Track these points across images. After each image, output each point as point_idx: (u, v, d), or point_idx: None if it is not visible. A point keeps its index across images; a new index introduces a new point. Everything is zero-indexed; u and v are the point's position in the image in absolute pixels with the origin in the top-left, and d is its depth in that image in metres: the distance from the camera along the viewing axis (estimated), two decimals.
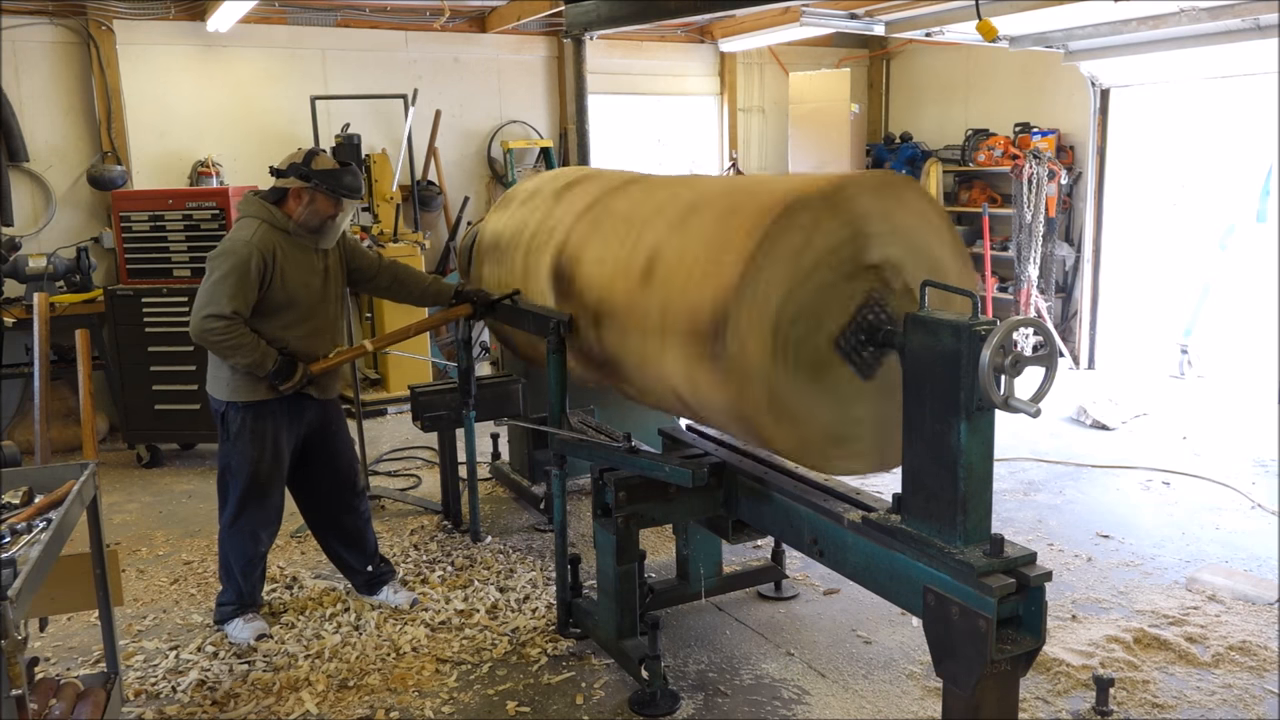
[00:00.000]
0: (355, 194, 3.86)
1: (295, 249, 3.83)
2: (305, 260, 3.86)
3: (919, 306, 2.75)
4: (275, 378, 3.74)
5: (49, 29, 6.64)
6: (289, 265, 3.79)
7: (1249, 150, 7.24)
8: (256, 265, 3.68)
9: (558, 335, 3.76)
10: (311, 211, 3.81)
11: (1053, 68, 7.98)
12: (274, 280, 3.74)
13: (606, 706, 3.40)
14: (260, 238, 3.72)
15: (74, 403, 6.04)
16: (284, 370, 3.75)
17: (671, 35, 8.75)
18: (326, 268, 3.94)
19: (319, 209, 3.82)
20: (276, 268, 3.74)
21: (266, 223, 3.77)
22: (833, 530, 3.01)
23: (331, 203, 3.82)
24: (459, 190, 8.05)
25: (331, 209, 3.83)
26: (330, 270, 3.97)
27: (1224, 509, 5.14)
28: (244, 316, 3.68)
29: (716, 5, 5.98)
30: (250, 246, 3.68)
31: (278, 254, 3.75)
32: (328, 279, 3.95)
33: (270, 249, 3.73)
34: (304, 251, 3.86)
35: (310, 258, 3.88)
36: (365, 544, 4.20)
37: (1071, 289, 8.42)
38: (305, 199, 3.79)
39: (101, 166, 6.72)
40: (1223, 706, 3.31)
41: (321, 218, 3.83)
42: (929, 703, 3.36)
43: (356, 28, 7.56)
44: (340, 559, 4.22)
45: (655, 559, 4.59)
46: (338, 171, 3.82)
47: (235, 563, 3.94)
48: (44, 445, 3.64)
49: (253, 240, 3.70)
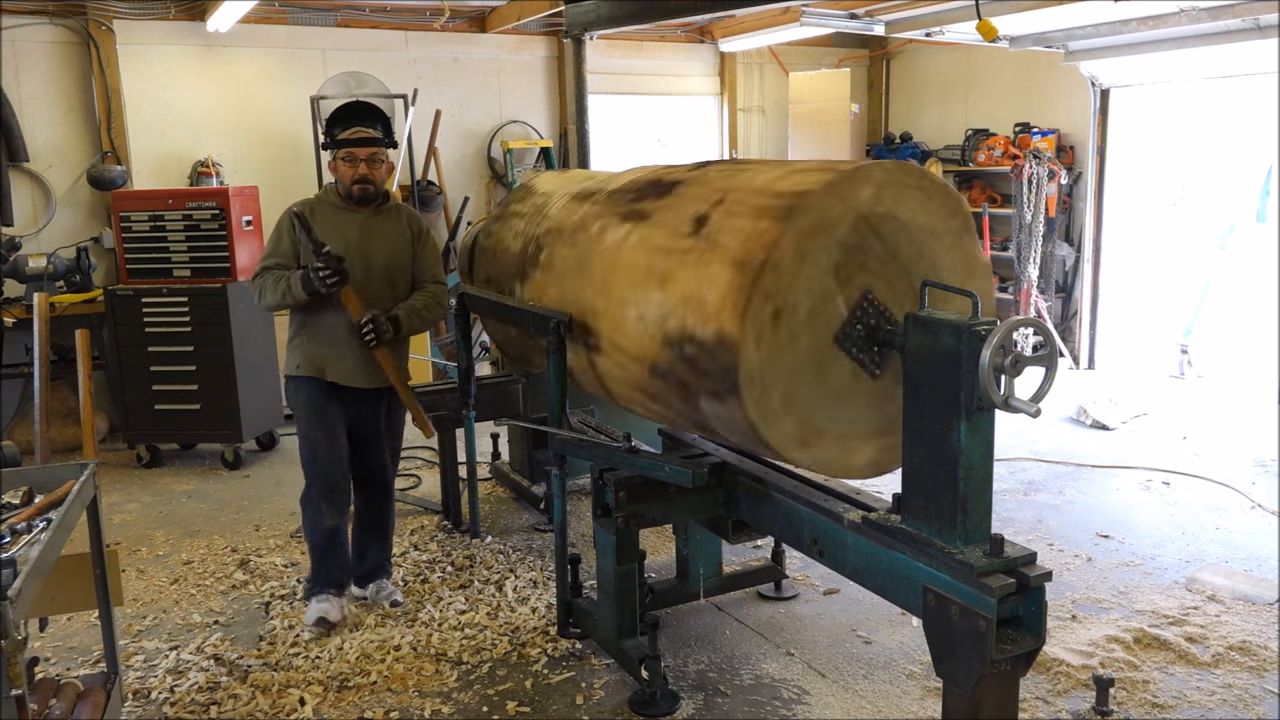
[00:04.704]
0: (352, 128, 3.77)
1: (337, 213, 3.84)
2: (346, 224, 3.83)
3: (919, 307, 2.76)
4: (309, 281, 3.67)
5: (49, 29, 6.64)
6: (324, 224, 3.78)
7: (1249, 150, 7.24)
8: (288, 223, 3.80)
9: (558, 335, 3.76)
10: (340, 177, 3.84)
11: (1053, 68, 7.98)
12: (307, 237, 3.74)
13: (606, 706, 3.40)
14: (300, 202, 3.84)
15: (74, 403, 6.04)
16: (317, 270, 3.66)
17: (671, 35, 8.75)
18: (374, 235, 3.86)
19: (340, 171, 3.83)
20: (309, 223, 3.74)
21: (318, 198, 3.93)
22: (833, 530, 3.00)
23: (342, 161, 3.79)
24: (459, 190, 8.05)
25: (349, 168, 3.78)
26: (380, 239, 3.88)
27: (1224, 509, 5.14)
28: (272, 267, 3.80)
29: (716, 5, 5.98)
30: (286, 212, 3.83)
31: (313, 214, 3.78)
32: (370, 247, 3.85)
33: (306, 209, 3.79)
34: (346, 215, 3.84)
35: (351, 221, 3.84)
36: (365, 553, 4.18)
37: (1071, 289, 8.43)
38: (332, 168, 3.87)
39: (101, 166, 6.72)
40: (1223, 706, 3.31)
41: (348, 180, 3.81)
42: (929, 703, 3.36)
43: (356, 28, 7.56)
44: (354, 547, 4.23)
45: (655, 559, 4.59)
46: (330, 116, 3.78)
47: (308, 535, 4.00)
48: (44, 445, 3.63)
49: (291, 208, 3.82)
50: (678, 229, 3.18)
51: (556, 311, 3.79)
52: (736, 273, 2.81)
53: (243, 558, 4.74)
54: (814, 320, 2.82)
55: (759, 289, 2.74)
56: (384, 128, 3.90)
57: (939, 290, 2.80)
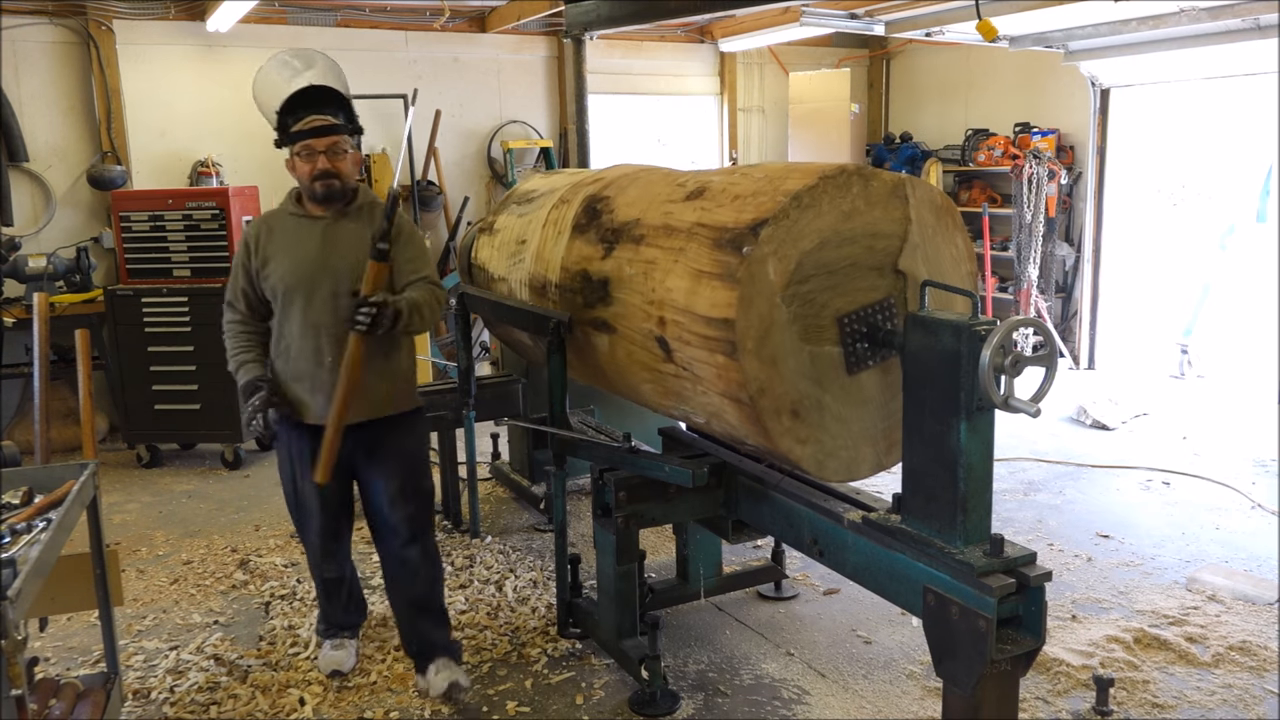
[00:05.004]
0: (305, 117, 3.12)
1: (295, 223, 3.23)
2: (303, 236, 3.20)
3: (919, 308, 2.77)
4: (249, 407, 3.16)
5: (49, 29, 6.64)
6: (279, 243, 3.21)
7: (1249, 150, 7.24)
8: (241, 251, 3.25)
9: (557, 335, 3.75)
10: (299, 177, 3.20)
11: (1053, 68, 7.98)
12: (263, 263, 3.21)
13: (606, 706, 3.40)
14: (256, 221, 3.30)
15: (74, 403, 6.04)
16: (244, 392, 3.20)
17: (671, 35, 8.75)
18: (339, 243, 3.16)
19: (298, 170, 3.19)
20: (260, 250, 3.21)
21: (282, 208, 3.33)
22: (833, 530, 3.00)
23: (298, 157, 3.15)
24: (459, 190, 8.05)
25: (305, 164, 3.14)
26: (346, 246, 3.18)
27: (1224, 509, 5.14)
28: (237, 309, 3.31)
29: (716, 5, 5.98)
30: (244, 231, 3.27)
31: (271, 232, 3.23)
32: (334, 258, 3.14)
33: (262, 229, 3.24)
34: (304, 226, 3.22)
35: (310, 232, 3.19)
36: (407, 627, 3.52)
37: (1071, 289, 8.42)
38: (290, 167, 3.22)
39: (101, 166, 6.71)
40: (1223, 706, 3.31)
41: (307, 177, 3.17)
42: (929, 703, 3.36)
43: (356, 28, 7.56)
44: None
45: (655, 559, 4.59)
46: (280, 109, 3.16)
47: (312, 574, 3.72)
48: (44, 445, 3.64)
49: (244, 231, 3.28)
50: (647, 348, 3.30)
51: (556, 312, 3.79)
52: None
53: (243, 558, 4.74)
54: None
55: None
56: (345, 113, 3.25)
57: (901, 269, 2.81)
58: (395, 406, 3.32)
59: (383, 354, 3.23)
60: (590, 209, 3.79)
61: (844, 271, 2.89)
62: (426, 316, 3.21)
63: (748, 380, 2.79)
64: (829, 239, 2.84)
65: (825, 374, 2.90)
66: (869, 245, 2.91)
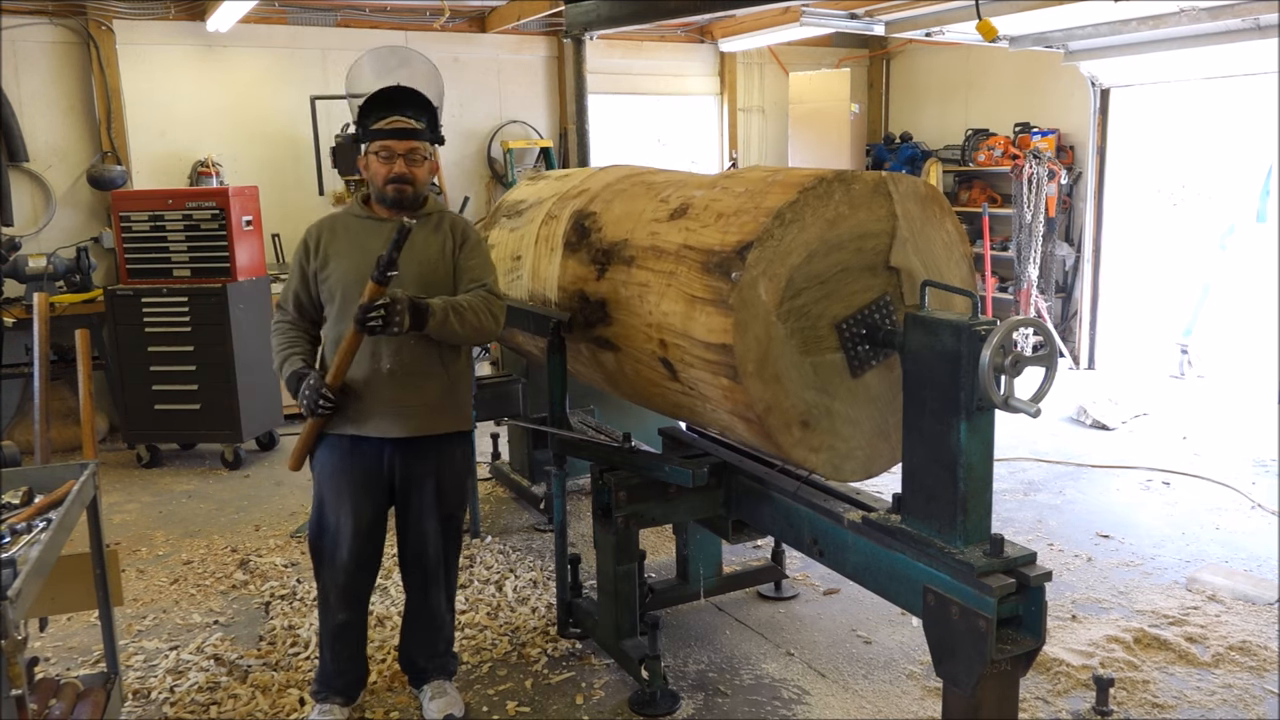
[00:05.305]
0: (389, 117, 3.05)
1: (360, 225, 3.15)
2: (368, 238, 3.08)
3: (918, 303, 2.77)
4: (302, 396, 3.03)
5: (49, 29, 6.64)
6: (342, 243, 3.12)
7: (1249, 150, 7.24)
8: (300, 251, 3.17)
9: (557, 335, 3.75)
10: (371, 176, 3.13)
11: (1053, 68, 7.98)
12: (323, 263, 3.13)
13: (606, 706, 3.40)
14: (319, 222, 3.22)
15: (74, 403, 6.04)
16: (290, 383, 3.08)
17: (671, 35, 8.76)
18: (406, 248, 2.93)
19: (371, 169, 3.12)
20: (321, 250, 3.13)
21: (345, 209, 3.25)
22: (833, 530, 3.00)
23: (375, 157, 3.09)
24: (459, 190, 8.05)
25: (381, 165, 3.08)
26: (412, 252, 3.02)
27: (1224, 509, 5.14)
28: (286, 310, 3.20)
29: (716, 5, 5.98)
30: (306, 231, 3.21)
31: (334, 233, 3.14)
32: (399, 263, 2.92)
33: (324, 229, 3.16)
34: (370, 228, 3.12)
35: (376, 234, 3.08)
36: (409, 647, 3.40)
37: (1071, 289, 8.43)
38: (363, 165, 3.16)
39: (101, 166, 6.72)
40: (1223, 706, 3.31)
41: (380, 179, 3.09)
42: (929, 703, 3.36)
43: (356, 28, 7.56)
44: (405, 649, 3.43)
45: (655, 559, 4.59)
46: (364, 104, 3.10)
47: (319, 618, 3.32)
48: (44, 445, 3.63)
49: (308, 231, 3.21)
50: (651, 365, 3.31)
51: (556, 312, 3.79)
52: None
53: (243, 558, 4.74)
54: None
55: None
56: (429, 119, 3.16)
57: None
58: (442, 426, 3.19)
59: (426, 369, 3.12)
60: (579, 226, 3.81)
61: (836, 278, 2.89)
62: (469, 321, 3.04)
63: (753, 401, 2.82)
64: (816, 250, 2.84)
65: (830, 381, 2.92)
66: (858, 247, 2.91)
